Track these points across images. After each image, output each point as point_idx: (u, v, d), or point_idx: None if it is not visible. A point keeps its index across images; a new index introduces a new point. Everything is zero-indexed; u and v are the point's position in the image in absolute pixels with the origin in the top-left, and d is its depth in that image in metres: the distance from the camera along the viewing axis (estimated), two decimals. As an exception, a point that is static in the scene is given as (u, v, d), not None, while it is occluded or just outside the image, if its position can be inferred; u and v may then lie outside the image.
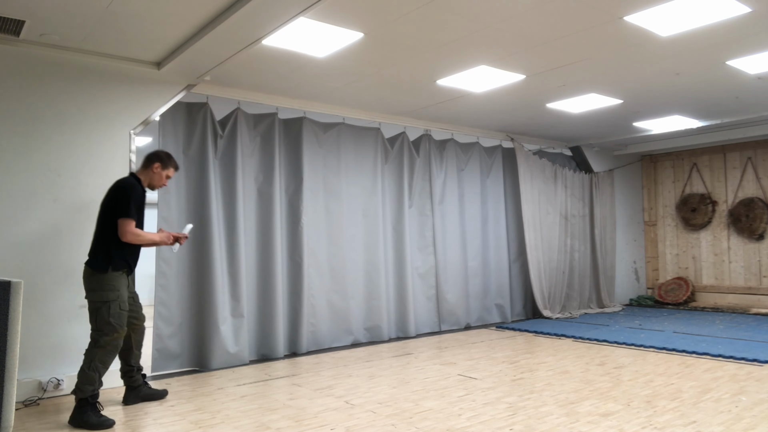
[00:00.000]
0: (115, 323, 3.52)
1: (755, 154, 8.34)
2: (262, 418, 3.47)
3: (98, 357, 3.49)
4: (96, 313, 3.52)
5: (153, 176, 3.78)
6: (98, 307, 3.51)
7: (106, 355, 3.52)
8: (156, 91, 4.54)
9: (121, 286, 3.59)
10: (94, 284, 3.54)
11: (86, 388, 3.43)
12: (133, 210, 3.57)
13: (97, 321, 3.52)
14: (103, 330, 3.50)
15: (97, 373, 3.48)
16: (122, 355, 3.80)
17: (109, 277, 3.54)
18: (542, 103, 6.08)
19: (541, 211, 7.78)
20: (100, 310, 3.51)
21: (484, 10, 3.66)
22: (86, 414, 3.39)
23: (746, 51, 4.55)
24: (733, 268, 8.52)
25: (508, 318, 7.45)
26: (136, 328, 3.80)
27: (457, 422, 3.33)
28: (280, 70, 4.73)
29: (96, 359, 3.48)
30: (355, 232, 6.07)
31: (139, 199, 3.64)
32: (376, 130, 6.38)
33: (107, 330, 3.50)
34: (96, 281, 3.53)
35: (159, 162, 3.79)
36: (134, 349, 3.81)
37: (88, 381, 3.44)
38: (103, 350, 3.50)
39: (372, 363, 5.06)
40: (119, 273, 3.59)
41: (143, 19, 3.64)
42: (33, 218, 4.00)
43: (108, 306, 3.51)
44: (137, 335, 3.82)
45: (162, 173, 3.80)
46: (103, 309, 3.50)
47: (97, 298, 3.52)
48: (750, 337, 5.91)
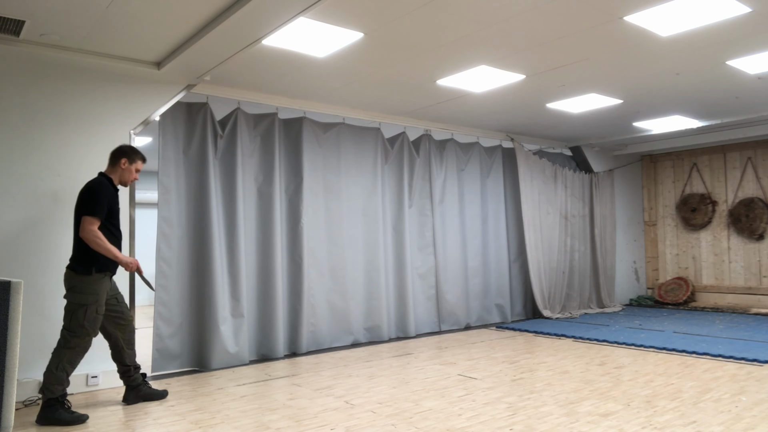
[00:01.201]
0: (88, 327, 3.51)
1: (755, 154, 8.34)
2: (262, 418, 3.47)
3: (66, 357, 3.49)
4: (72, 315, 3.51)
5: (122, 172, 3.75)
6: (75, 309, 3.51)
7: (75, 356, 3.52)
8: (156, 91, 4.54)
9: (102, 290, 3.58)
10: (75, 286, 3.53)
11: (56, 388, 3.44)
12: (99, 209, 3.52)
13: (71, 322, 3.51)
14: (75, 332, 3.49)
15: (65, 373, 3.48)
16: (115, 357, 3.80)
17: (92, 279, 3.53)
18: (542, 103, 6.08)
19: (541, 211, 7.78)
20: (77, 312, 3.50)
21: (484, 10, 3.66)
22: (57, 412, 3.39)
23: (746, 51, 4.55)
24: (733, 268, 8.52)
25: (508, 318, 7.44)
26: (124, 328, 3.79)
27: (457, 422, 3.33)
28: (280, 70, 4.73)
29: (64, 360, 3.48)
30: (355, 232, 6.07)
31: (109, 198, 3.60)
32: (376, 130, 6.38)
33: (80, 332, 3.50)
34: (78, 283, 3.52)
35: (125, 157, 3.75)
36: (126, 349, 3.80)
37: (57, 381, 3.45)
38: (72, 351, 3.50)
39: (372, 363, 5.06)
40: (102, 276, 3.58)
41: (143, 19, 3.64)
42: (33, 218, 4.00)
43: (85, 309, 3.50)
44: (125, 335, 3.81)
45: (131, 168, 3.77)
46: (80, 311, 3.50)
47: (76, 299, 3.51)
48: (750, 337, 5.91)
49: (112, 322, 3.74)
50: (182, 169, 4.99)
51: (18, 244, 3.94)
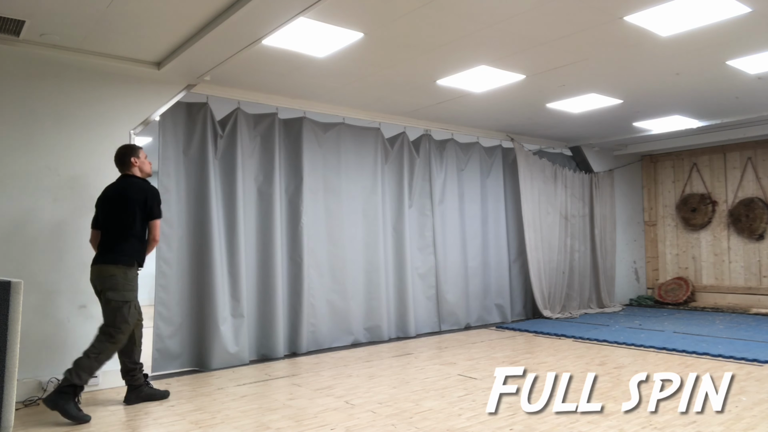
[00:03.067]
0: (131, 322, 3.65)
1: (755, 154, 8.34)
2: (262, 418, 3.47)
3: (108, 351, 3.58)
4: (116, 312, 3.60)
5: (141, 167, 3.86)
6: (120, 306, 3.60)
7: (115, 351, 3.63)
8: (156, 91, 4.54)
9: (137, 286, 3.72)
10: (119, 283, 3.60)
11: (85, 376, 3.48)
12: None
13: (116, 318, 3.59)
14: (120, 327, 3.60)
15: (99, 366, 3.56)
16: (126, 352, 3.81)
17: (133, 275, 3.66)
18: (542, 103, 6.08)
19: (541, 211, 7.78)
20: (122, 309, 3.60)
21: (484, 10, 3.66)
22: (68, 403, 3.41)
23: (746, 51, 4.55)
24: (733, 268, 8.52)
25: (508, 318, 7.44)
26: (138, 323, 3.85)
27: (457, 422, 3.33)
28: (280, 70, 4.73)
29: (104, 353, 3.56)
30: (355, 232, 6.07)
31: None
32: (376, 130, 6.38)
33: (124, 328, 3.61)
34: (120, 279, 3.60)
35: (132, 156, 3.85)
36: (137, 345, 3.85)
37: (89, 370, 3.50)
38: (115, 346, 3.60)
39: (372, 363, 5.06)
40: (138, 272, 3.72)
41: (143, 19, 3.64)
42: (33, 218, 4.00)
43: (129, 306, 3.63)
44: (138, 330, 3.86)
45: (142, 160, 3.88)
46: (125, 308, 3.61)
47: (120, 297, 3.61)
48: (750, 337, 5.91)
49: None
50: (182, 169, 4.99)
51: (18, 244, 3.94)
